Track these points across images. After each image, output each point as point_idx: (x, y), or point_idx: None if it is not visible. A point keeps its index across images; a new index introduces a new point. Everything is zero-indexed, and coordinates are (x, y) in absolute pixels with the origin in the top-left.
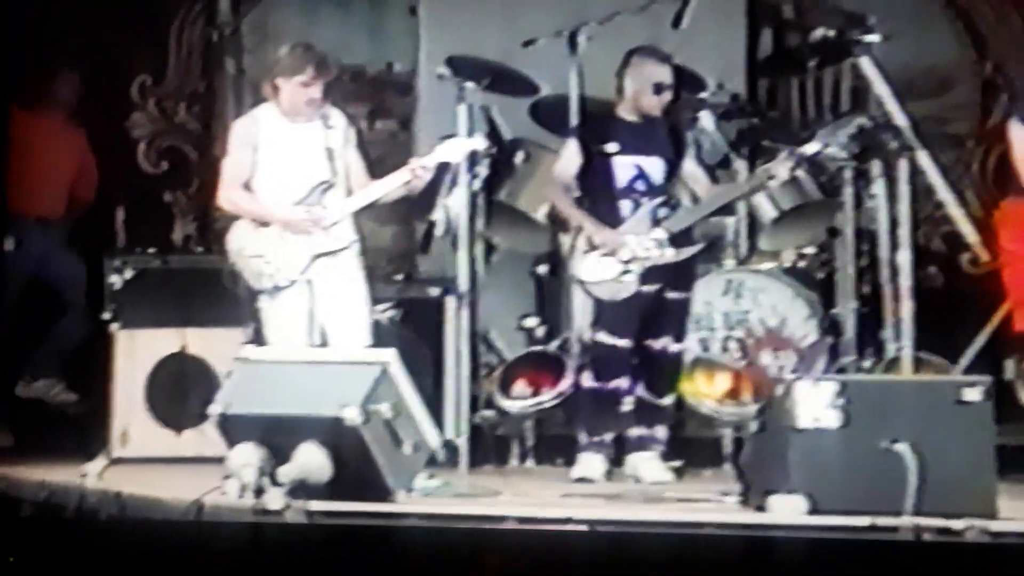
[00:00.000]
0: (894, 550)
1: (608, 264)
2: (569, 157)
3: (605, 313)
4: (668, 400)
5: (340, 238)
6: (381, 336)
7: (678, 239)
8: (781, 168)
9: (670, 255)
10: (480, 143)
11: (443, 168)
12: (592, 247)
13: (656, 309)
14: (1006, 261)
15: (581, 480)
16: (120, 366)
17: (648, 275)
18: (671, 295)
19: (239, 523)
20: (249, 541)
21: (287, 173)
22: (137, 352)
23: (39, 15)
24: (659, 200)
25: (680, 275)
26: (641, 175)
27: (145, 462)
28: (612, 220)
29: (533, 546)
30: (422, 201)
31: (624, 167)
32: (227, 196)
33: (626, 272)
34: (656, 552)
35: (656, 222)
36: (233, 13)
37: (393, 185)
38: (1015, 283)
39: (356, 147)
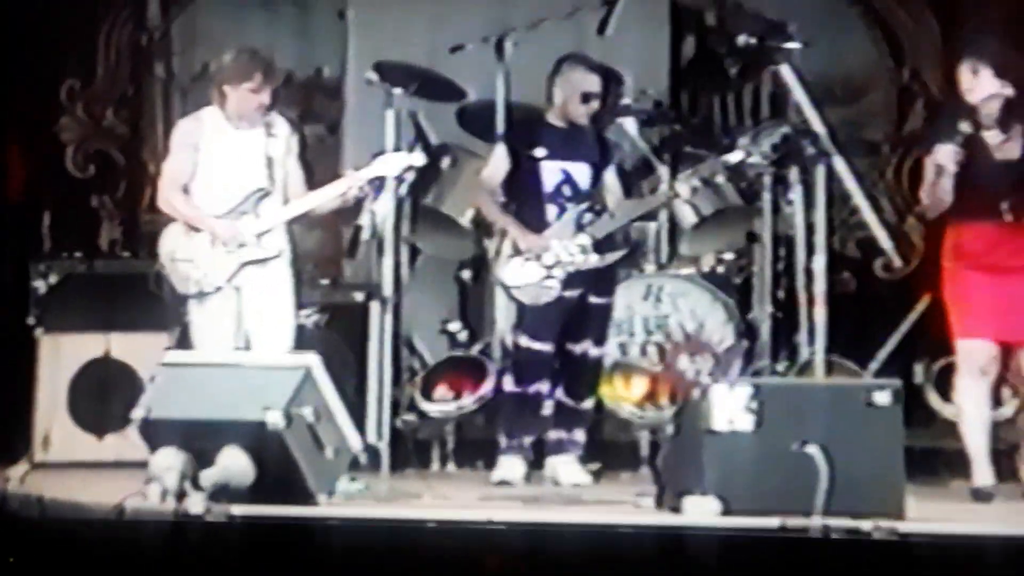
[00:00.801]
0: (804, 549)
1: (532, 269)
2: (497, 161)
3: (527, 317)
4: (588, 404)
5: (270, 247)
6: (305, 340)
7: (601, 244)
8: (683, 186)
9: (594, 260)
10: (417, 158)
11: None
12: (517, 251)
13: (578, 313)
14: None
15: (501, 483)
16: (43, 370)
17: (571, 280)
18: (593, 300)
19: (161, 523)
20: (170, 541)
21: (225, 178)
22: (61, 356)
23: None
24: (585, 205)
25: (602, 280)
26: (568, 180)
27: (67, 466)
28: (538, 224)
29: (454, 546)
30: (349, 206)
31: (551, 172)
32: (165, 197)
33: (549, 277)
34: (573, 553)
35: (581, 227)
36: (162, 17)
37: (328, 196)
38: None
39: (297, 157)
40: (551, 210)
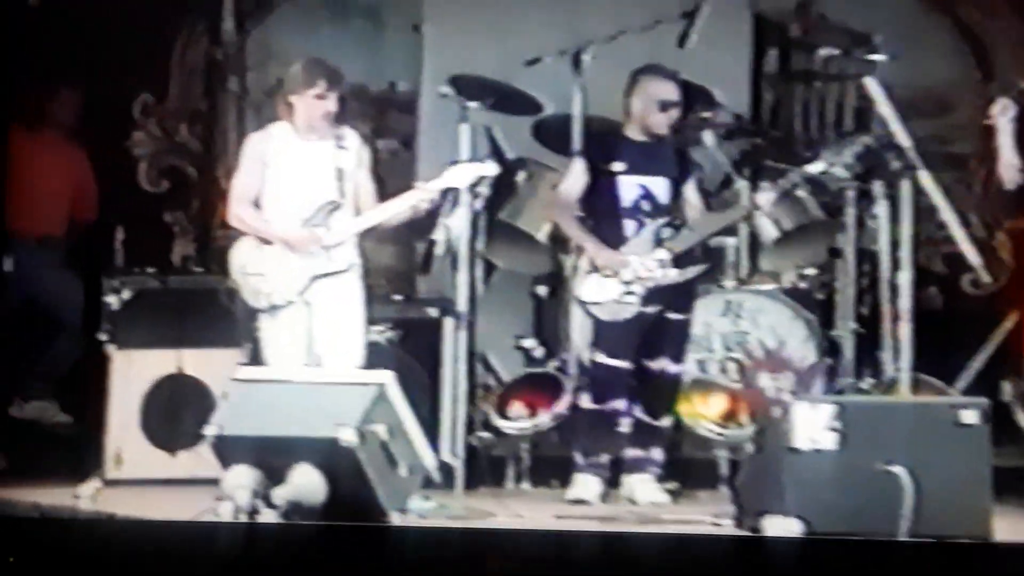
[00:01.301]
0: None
1: (610, 285)
2: (575, 176)
3: (604, 334)
4: (665, 422)
5: (341, 260)
6: (379, 357)
7: (680, 259)
8: (764, 198)
9: (673, 275)
10: (489, 168)
11: (448, 191)
12: (594, 268)
13: (656, 330)
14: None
15: (577, 502)
16: (115, 387)
17: (651, 296)
18: (671, 316)
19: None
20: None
21: (295, 191)
22: (133, 373)
23: (41, 34)
24: (663, 220)
25: (680, 296)
26: (646, 195)
27: (139, 484)
28: (616, 240)
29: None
30: (423, 221)
31: (629, 187)
32: (235, 212)
33: (628, 293)
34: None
35: (659, 242)
36: (236, 32)
37: (398, 208)
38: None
39: (368, 169)
40: (629, 225)
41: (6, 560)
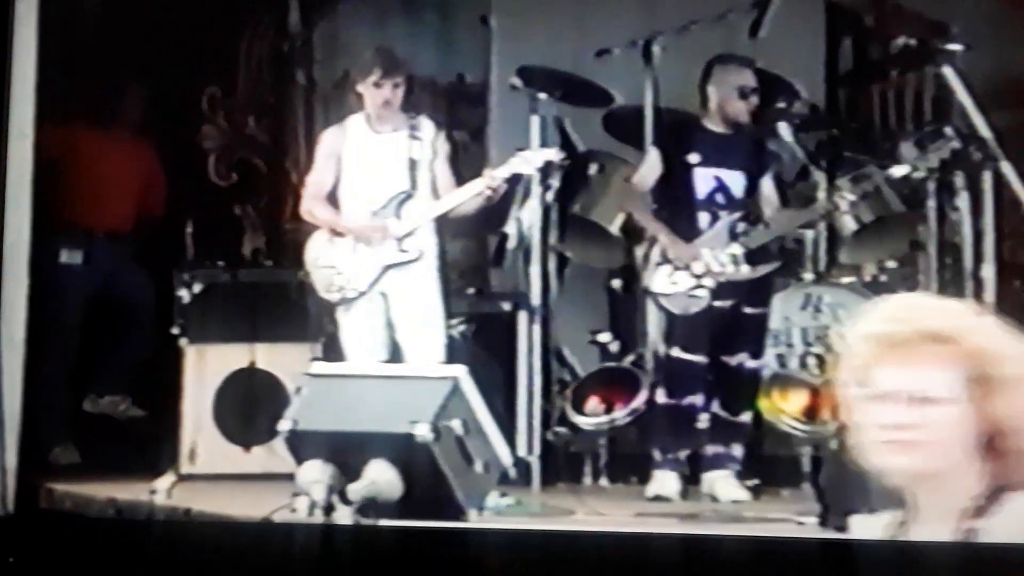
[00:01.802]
0: None
1: (681, 277)
2: (650, 166)
3: (678, 328)
4: (745, 417)
5: (413, 250)
6: (452, 351)
7: (755, 255)
8: (844, 199)
9: (745, 271)
10: (554, 154)
11: (516, 180)
12: (666, 259)
13: (732, 324)
14: None
15: (656, 499)
16: (188, 381)
17: (723, 290)
18: (747, 310)
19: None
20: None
21: (369, 183)
22: (206, 367)
23: (107, 30)
24: (738, 214)
25: (757, 290)
26: (721, 187)
27: (213, 479)
28: (689, 232)
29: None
30: (495, 214)
31: (705, 179)
32: (306, 207)
33: (699, 287)
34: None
35: (734, 236)
36: (303, 25)
37: (466, 196)
38: None
39: (446, 159)
40: (703, 218)
41: (6, 560)
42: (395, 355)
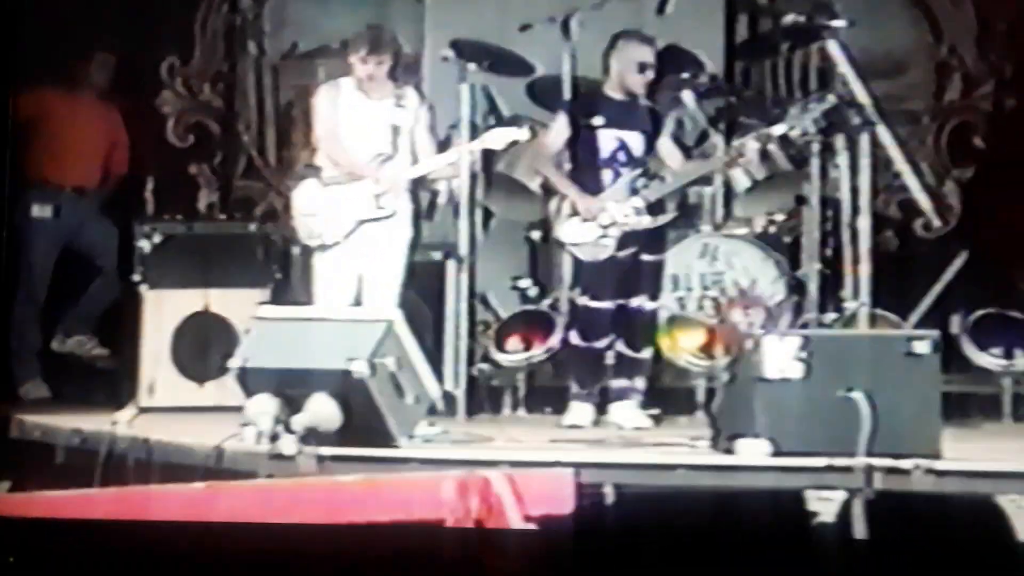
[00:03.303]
0: None
1: (588, 228)
2: (558, 128)
3: (585, 277)
4: (645, 354)
5: (386, 207)
6: None
7: (653, 208)
8: (750, 148)
9: (646, 222)
10: (524, 134)
11: (445, 143)
12: (575, 212)
13: (632, 271)
14: None
15: (572, 427)
16: (148, 324)
17: (624, 240)
18: (646, 258)
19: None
20: None
21: (354, 143)
22: (164, 311)
23: (77, 2)
24: (638, 171)
25: (654, 240)
26: (623, 147)
27: (170, 411)
28: (595, 188)
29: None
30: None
31: (608, 139)
32: (326, 149)
33: (604, 236)
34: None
35: (634, 191)
36: (254, 0)
37: (439, 164)
38: None
39: (426, 127)
40: (607, 175)
41: (6, 560)
42: (359, 302)
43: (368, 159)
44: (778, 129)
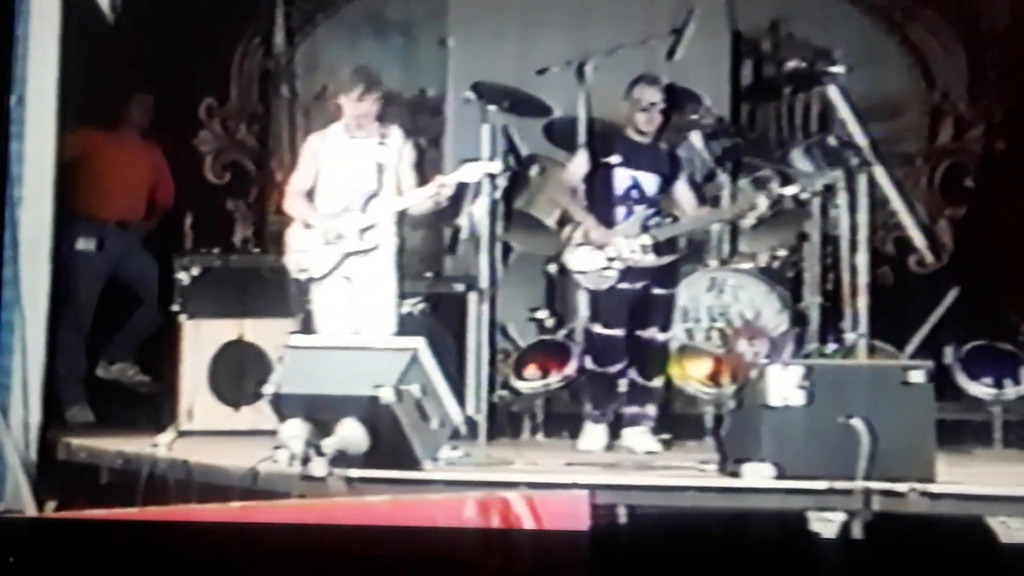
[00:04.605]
0: None
1: (594, 257)
2: (578, 162)
3: (600, 307)
4: (657, 382)
5: (371, 240)
6: (412, 326)
7: (661, 246)
8: (762, 204)
9: (650, 260)
10: (496, 167)
11: (465, 183)
12: (585, 241)
13: (644, 303)
14: None
15: (587, 451)
16: (186, 352)
17: (634, 273)
18: (656, 291)
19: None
20: None
21: (341, 181)
22: (201, 339)
23: (117, 45)
24: (652, 210)
25: (665, 275)
26: (635, 186)
27: (208, 435)
28: (607, 223)
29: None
30: (450, 209)
31: (623, 178)
32: (288, 202)
33: (608, 268)
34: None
35: (645, 228)
36: (287, 45)
37: (421, 197)
38: None
39: (410, 163)
40: (620, 211)
41: (6, 560)
42: (354, 330)
43: (348, 203)
44: (790, 190)
